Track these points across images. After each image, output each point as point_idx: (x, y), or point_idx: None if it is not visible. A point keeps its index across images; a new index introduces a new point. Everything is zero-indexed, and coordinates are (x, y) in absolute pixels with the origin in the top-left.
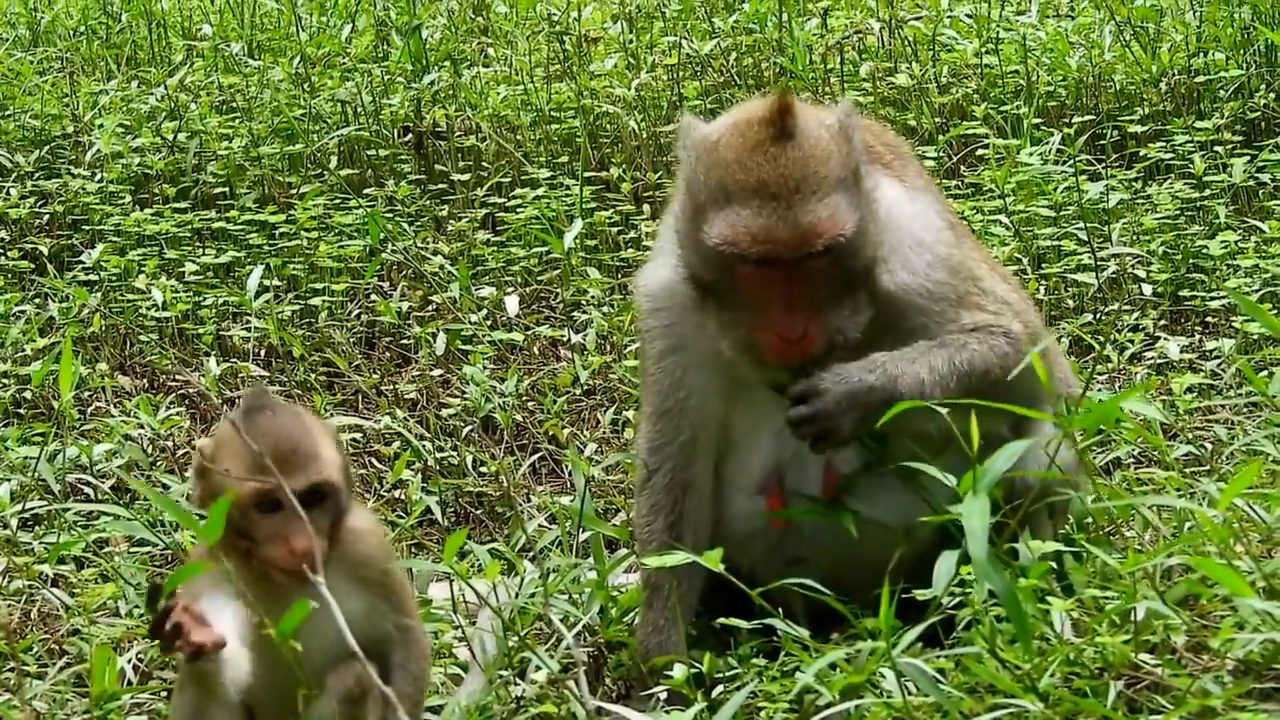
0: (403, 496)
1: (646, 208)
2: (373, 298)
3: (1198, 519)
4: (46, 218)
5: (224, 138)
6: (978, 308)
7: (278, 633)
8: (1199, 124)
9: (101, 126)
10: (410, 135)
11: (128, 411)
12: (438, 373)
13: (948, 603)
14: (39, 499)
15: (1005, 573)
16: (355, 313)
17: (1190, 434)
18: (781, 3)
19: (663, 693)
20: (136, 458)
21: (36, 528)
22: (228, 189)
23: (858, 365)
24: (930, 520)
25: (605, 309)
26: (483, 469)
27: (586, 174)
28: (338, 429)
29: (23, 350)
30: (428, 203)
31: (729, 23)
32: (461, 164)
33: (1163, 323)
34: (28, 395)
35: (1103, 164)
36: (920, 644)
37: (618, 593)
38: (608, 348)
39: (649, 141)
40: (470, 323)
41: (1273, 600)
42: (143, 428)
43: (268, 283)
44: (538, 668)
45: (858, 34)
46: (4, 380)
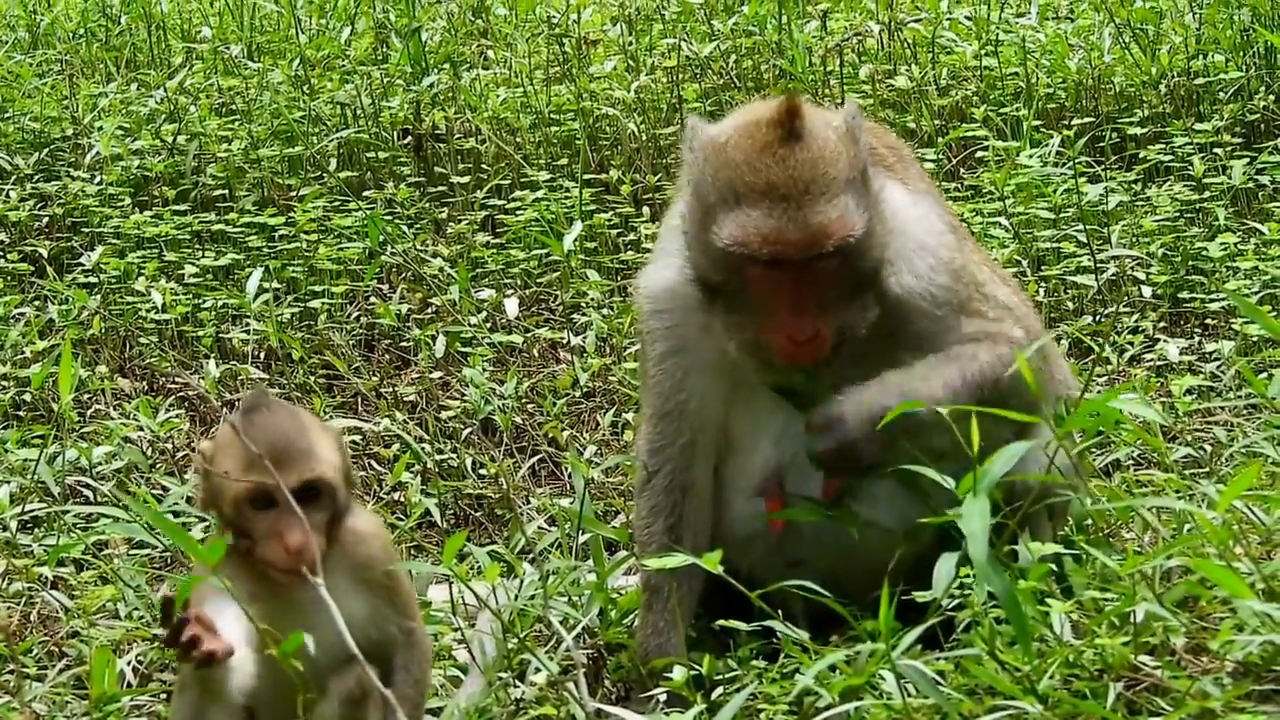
0: (402, 499)
1: (646, 210)
2: (372, 300)
3: (1197, 521)
4: (46, 220)
5: (223, 140)
6: (979, 314)
7: (280, 651)
8: (1198, 126)
9: (101, 129)
10: (410, 138)
11: (127, 414)
12: (437, 375)
13: (947, 605)
14: (38, 501)
15: (1005, 575)
16: (355, 315)
17: (1190, 436)
18: (781, 5)
19: (662, 695)
20: (136, 460)
21: (36, 530)
22: (227, 191)
23: (874, 389)
24: (930, 522)
25: (605, 311)
26: (482, 471)
27: (586, 176)
28: (339, 431)
29: (22, 352)
30: (427, 205)
31: (728, 25)
32: (461, 166)
33: (1162, 325)
34: (27, 397)
35: (1102, 166)
36: (920, 646)
37: (617, 595)
38: (607, 350)
39: (648, 144)
40: (470, 325)
41: (1272, 602)
42: (142, 430)
43: (267, 285)
44: (537, 670)
45: (857, 36)
46: (4, 382)
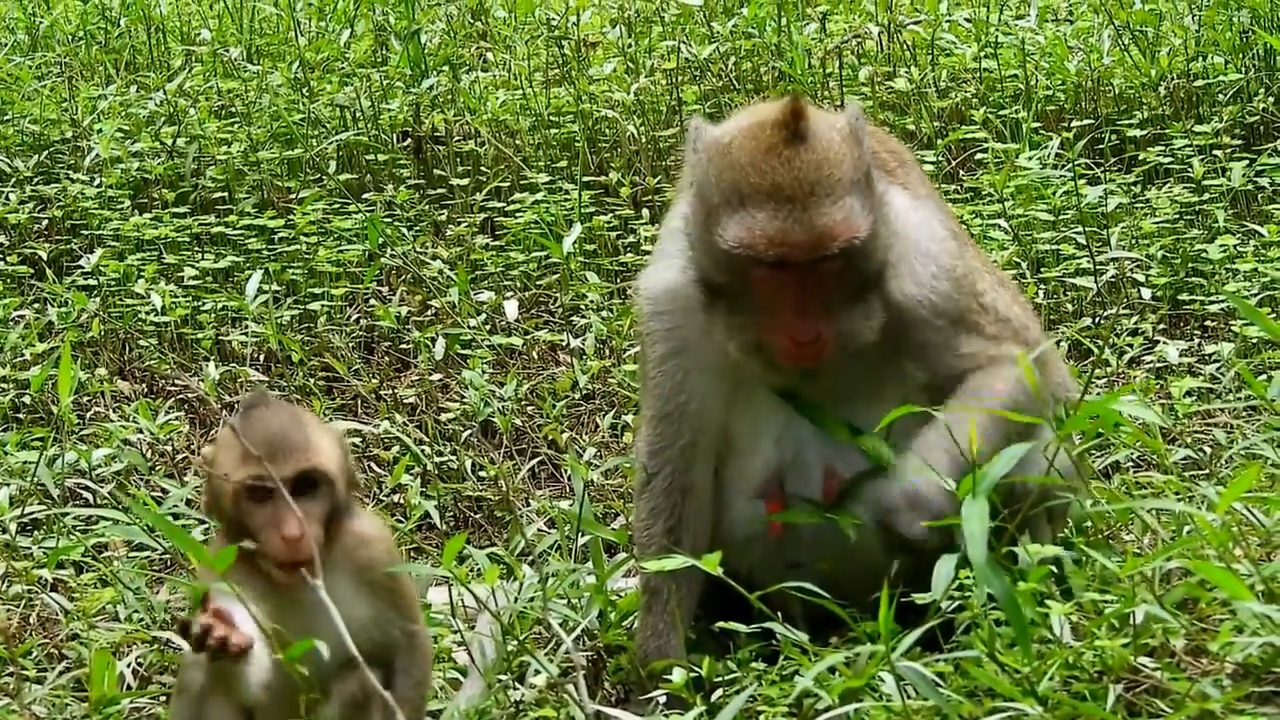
0: (401, 501)
1: (645, 212)
2: (372, 302)
3: (1197, 523)
4: (45, 223)
5: (223, 143)
6: (978, 328)
7: (286, 658)
8: (1198, 128)
9: (100, 131)
10: (409, 140)
11: (127, 416)
12: (437, 377)
13: (947, 606)
14: (38, 503)
15: (1004, 576)
16: (354, 317)
17: (1189, 438)
18: (780, 7)
19: (662, 696)
20: (135, 462)
21: (36, 532)
22: (227, 194)
23: (928, 454)
24: (929, 523)
25: (604, 313)
26: (482, 473)
27: (585, 178)
28: (341, 432)
29: (22, 355)
30: (426, 207)
31: (728, 27)
32: (460, 169)
33: (1162, 327)
34: (27, 400)
35: (1101, 168)
36: (919, 648)
37: (617, 597)
38: (607, 352)
39: (648, 146)
40: (469, 327)
41: (1272, 604)
42: (142, 432)
43: (267, 287)
44: (537, 672)
45: (856, 38)
46: (3, 385)
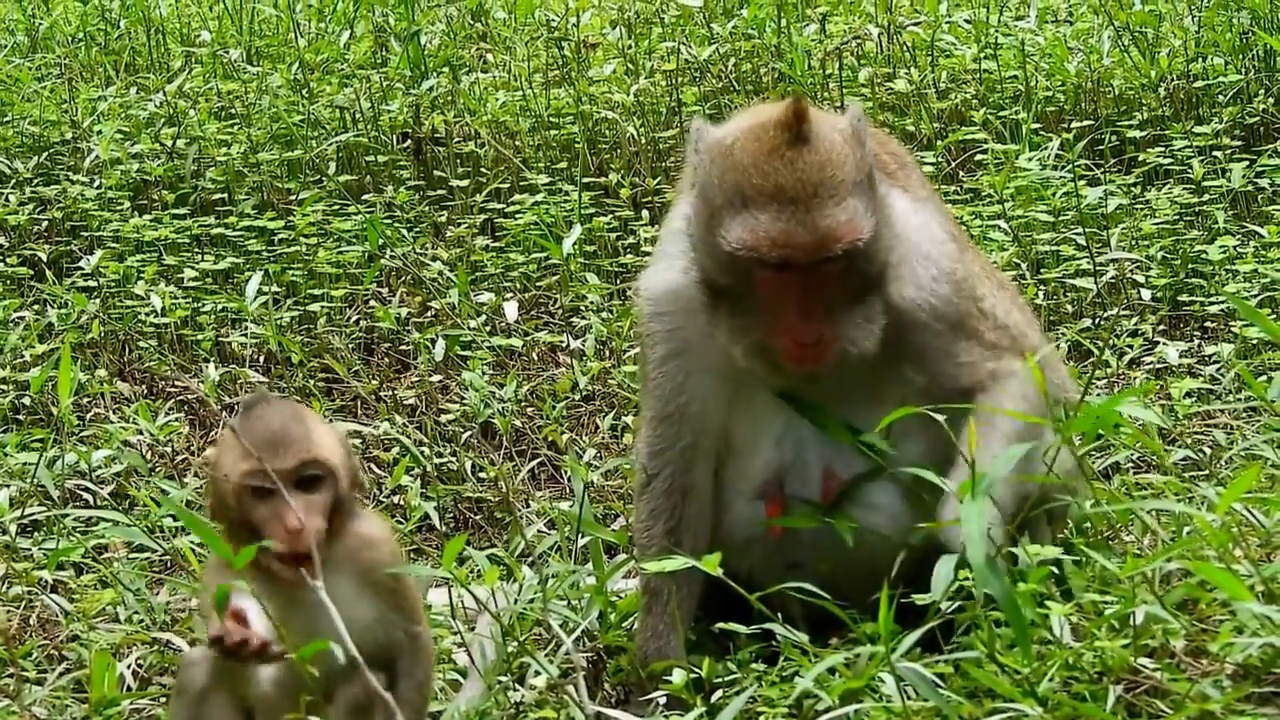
0: (401, 502)
1: (645, 213)
2: (371, 303)
3: (1197, 523)
4: (45, 224)
5: (223, 144)
6: (976, 336)
7: (298, 657)
8: (1198, 129)
9: (100, 133)
10: (409, 141)
11: (126, 417)
12: (436, 378)
13: (947, 607)
14: (38, 505)
15: (1004, 577)
16: (354, 318)
17: (1189, 439)
18: (780, 8)
19: (662, 698)
20: (135, 464)
21: (35, 533)
22: (226, 195)
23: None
24: (929, 525)
25: (604, 314)
26: (481, 474)
27: (585, 179)
28: (344, 432)
29: (21, 356)
30: (426, 208)
31: (727, 28)
32: (460, 170)
33: (1161, 328)
34: (26, 401)
35: (1101, 169)
36: (919, 649)
37: (617, 598)
38: (607, 353)
39: (648, 147)
40: (469, 328)
41: (1272, 604)
42: (141, 433)
43: (266, 289)
44: (537, 673)
45: (856, 39)
46: (3, 386)
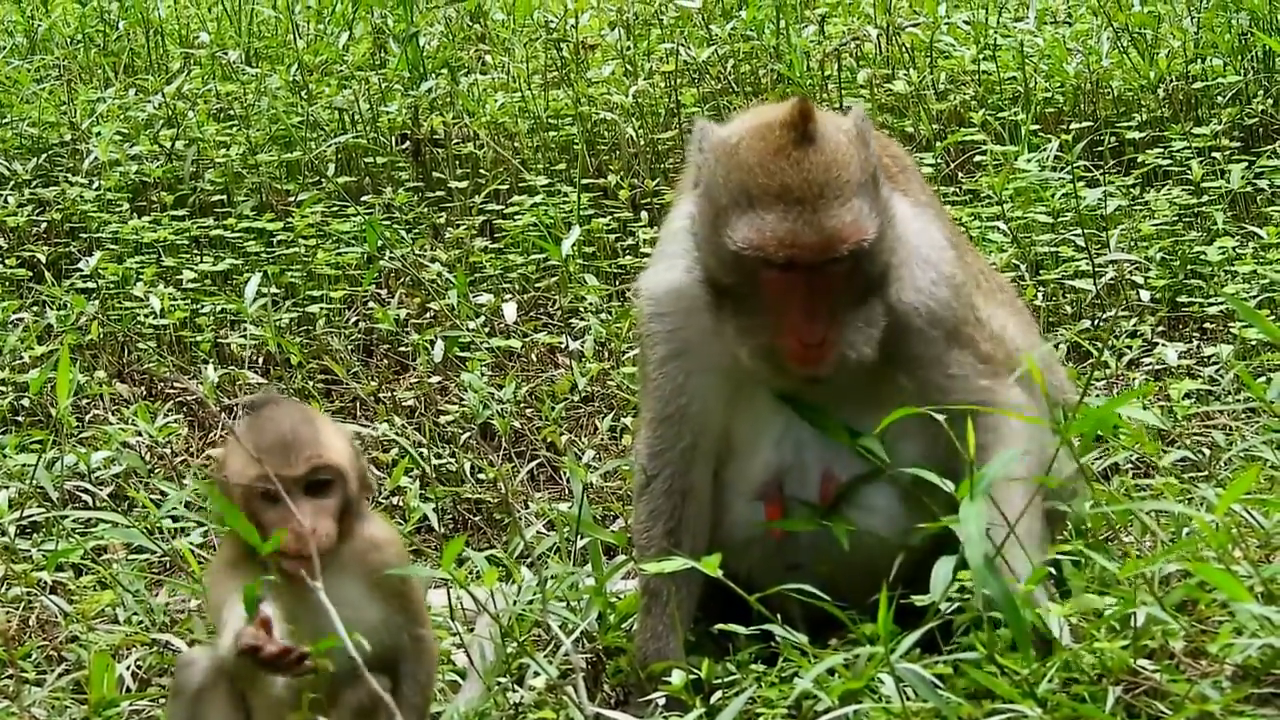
0: (400, 503)
1: (644, 214)
2: (370, 305)
3: (1196, 524)
4: (44, 225)
5: (221, 145)
6: (972, 346)
7: (315, 650)
8: (1197, 130)
9: (99, 134)
10: (408, 142)
11: (126, 419)
12: (436, 380)
13: (946, 608)
14: (37, 506)
15: (1002, 578)
16: (353, 320)
17: (1188, 440)
18: (779, 9)
19: (661, 698)
20: (134, 465)
21: (35, 535)
22: (225, 196)
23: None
24: (928, 526)
25: (603, 316)
26: (481, 476)
27: (584, 181)
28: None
29: (20, 358)
30: (425, 210)
31: (726, 30)
32: (459, 171)
33: (1161, 329)
34: (26, 403)
35: (1100, 170)
36: (919, 649)
37: (616, 599)
38: (606, 354)
39: (647, 149)
40: (468, 330)
41: (1271, 605)
42: (141, 435)
43: (265, 290)
44: (536, 674)
45: (855, 41)
46: (2, 387)
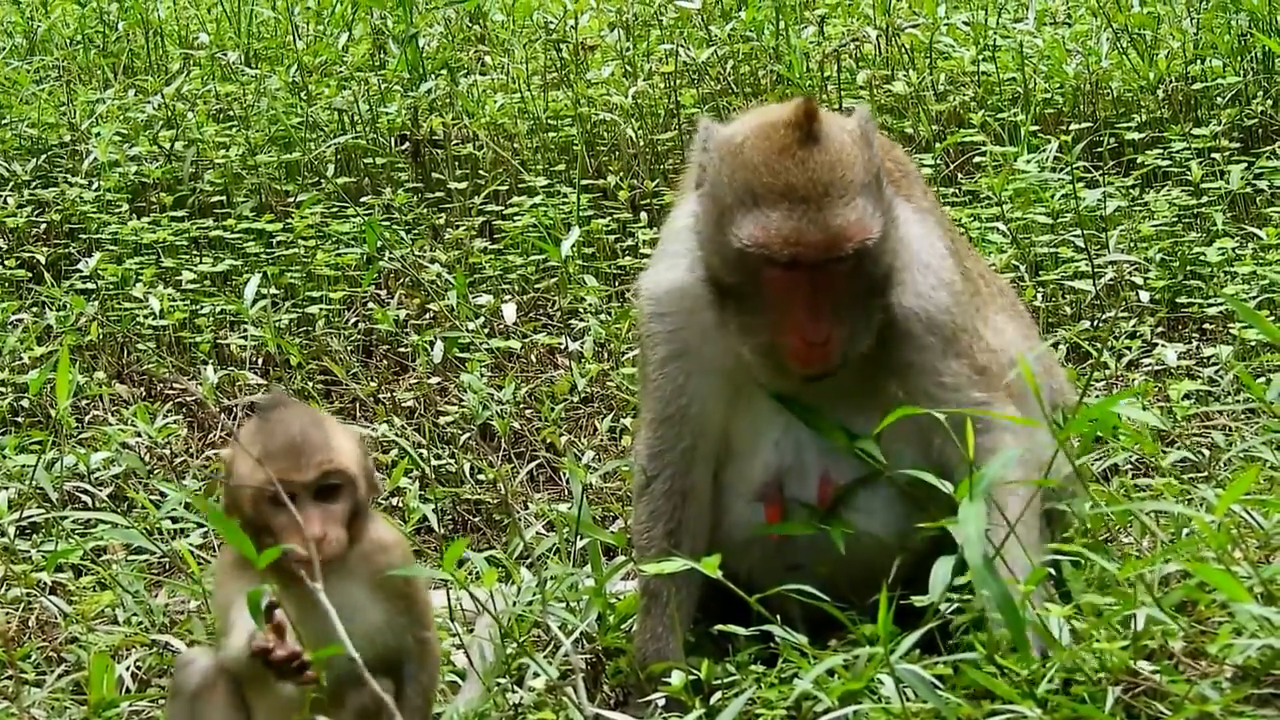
0: (400, 504)
1: (644, 215)
2: (370, 306)
3: (1196, 525)
4: (43, 226)
5: (221, 146)
6: (967, 356)
7: (315, 658)
8: (1196, 131)
9: (98, 135)
10: (407, 143)
11: (125, 420)
12: (435, 380)
13: (946, 609)
14: (37, 507)
15: (1001, 579)
16: (353, 321)
17: (1188, 440)
18: (778, 10)
19: (661, 699)
20: (134, 466)
21: (34, 535)
22: (225, 197)
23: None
24: (927, 527)
25: (603, 316)
26: (480, 476)
27: (583, 182)
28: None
29: (20, 358)
30: (425, 211)
31: (726, 31)
32: (459, 172)
33: (1160, 329)
34: (25, 403)
35: (1100, 171)
36: (919, 650)
37: (615, 600)
38: (605, 355)
39: (646, 149)
40: (468, 331)
41: (1270, 606)
42: (140, 436)
43: (265, 291)
44: (535, 675)
45: (855, 42)
46: (2, 388)
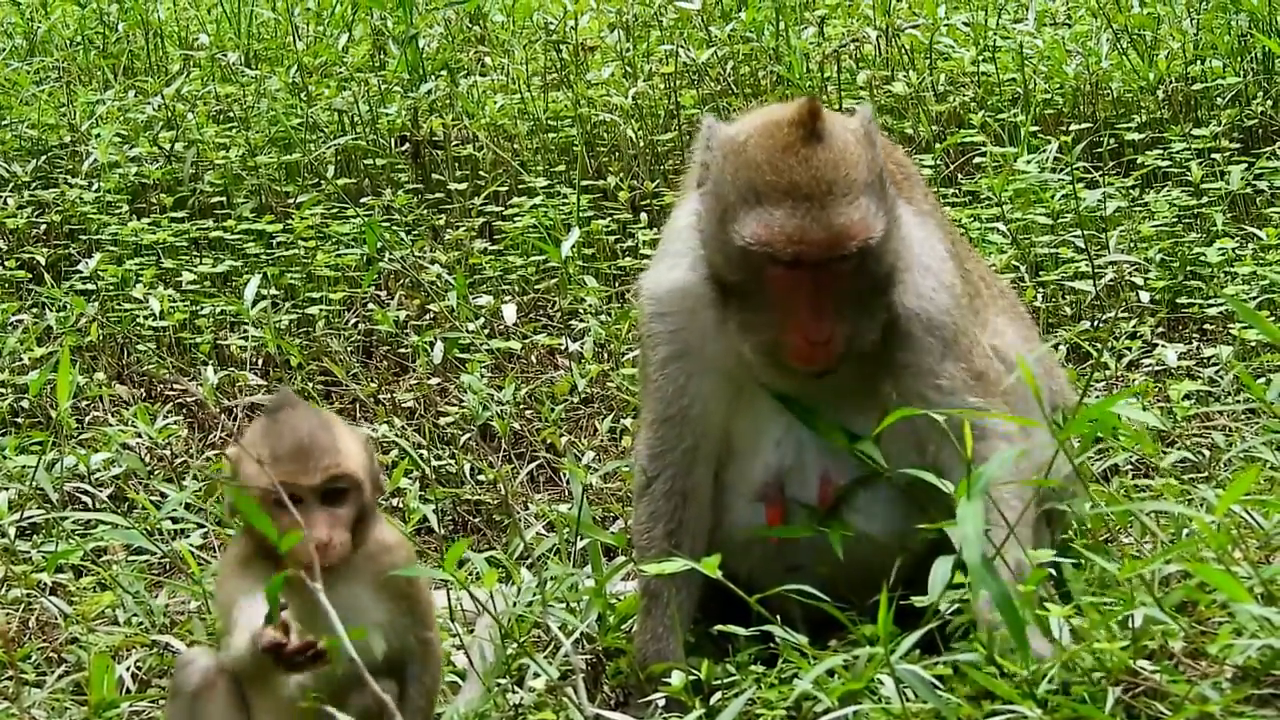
0: (400, 505)
1: (644, 216)
2: (370, 306)
3: (1196, 525)
4: (44, 227)
5: (221, 147)
6: (966, 359)
7: (330, 644)
8: (1196, 131)
9: (98, 136)
10: (407, 144)
11: (125, 420)
12: (435, 381)
13: (946, 609)
14: (37, 507)
15: (1001, 579)
16: (353, 321)
17: (1188, 441)
18: (778, 11)
19: (661, 700)
20: (134, 467)
21: (35, 536)
22: (225, 198)
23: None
24: (927, 528)
25: (602, 317)
26: (480, 477)
27: (583, 182)
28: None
29: (20, 359)
30: (425, 212)
31: (726, 31)
32: (459, 173)
33: (1160, 330)
34: (25, 404)
35: (1100, 171)
36: (919, 650)
37: (616, 600)
38: (605, 356)
39: (646, 150)
40: (468, 331)
41: (1270, 606)
42: (140, 436)
43: (265, 292)
44: (536, 675)
45: (855, 42)
46: (2, 389)
